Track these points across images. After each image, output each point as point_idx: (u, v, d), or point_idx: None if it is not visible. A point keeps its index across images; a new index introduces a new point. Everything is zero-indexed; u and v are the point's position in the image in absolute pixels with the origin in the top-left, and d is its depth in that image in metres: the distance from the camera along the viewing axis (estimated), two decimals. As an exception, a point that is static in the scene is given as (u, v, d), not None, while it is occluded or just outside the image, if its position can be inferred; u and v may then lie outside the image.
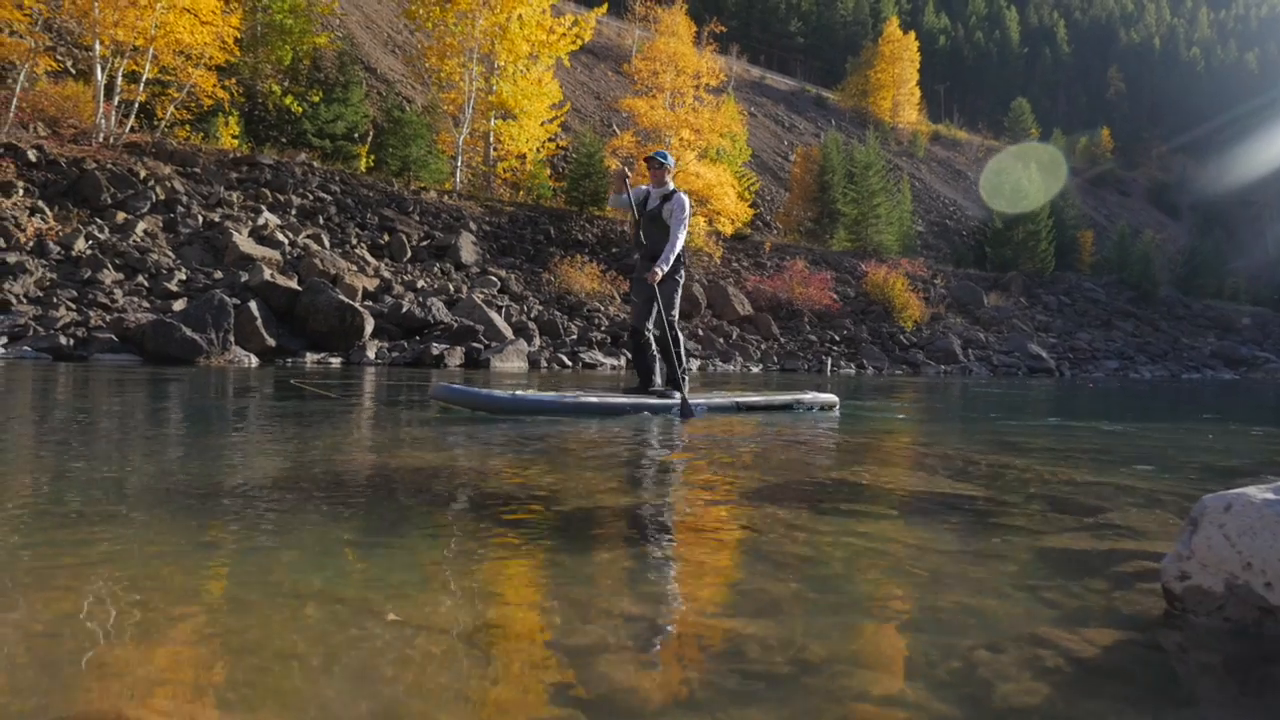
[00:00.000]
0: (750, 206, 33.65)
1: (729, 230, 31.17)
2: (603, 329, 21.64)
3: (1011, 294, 39.95)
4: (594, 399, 6.11)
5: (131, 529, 2.18)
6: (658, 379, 6.37)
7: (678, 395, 6.15)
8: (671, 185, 6.49)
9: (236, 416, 5.42)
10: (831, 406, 7.23)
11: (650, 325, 6.34)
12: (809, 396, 7.20)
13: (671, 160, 6.58)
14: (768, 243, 35.34)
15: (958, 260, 45.88)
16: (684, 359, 6.37)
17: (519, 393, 5.97)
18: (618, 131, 38.08)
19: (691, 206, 6.60)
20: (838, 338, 27.60)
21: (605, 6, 35.32)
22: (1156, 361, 35.68)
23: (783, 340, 26.14)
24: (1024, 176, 48.22)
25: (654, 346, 6.35)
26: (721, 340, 23.97)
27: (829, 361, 24.88)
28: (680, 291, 6.49)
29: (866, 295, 32.25)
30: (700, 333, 24.03)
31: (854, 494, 3.07)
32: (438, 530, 2.30)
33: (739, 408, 6.73)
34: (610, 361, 19.42)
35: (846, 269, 34.71)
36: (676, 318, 6.42)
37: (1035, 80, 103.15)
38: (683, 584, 1.84)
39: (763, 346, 24.90)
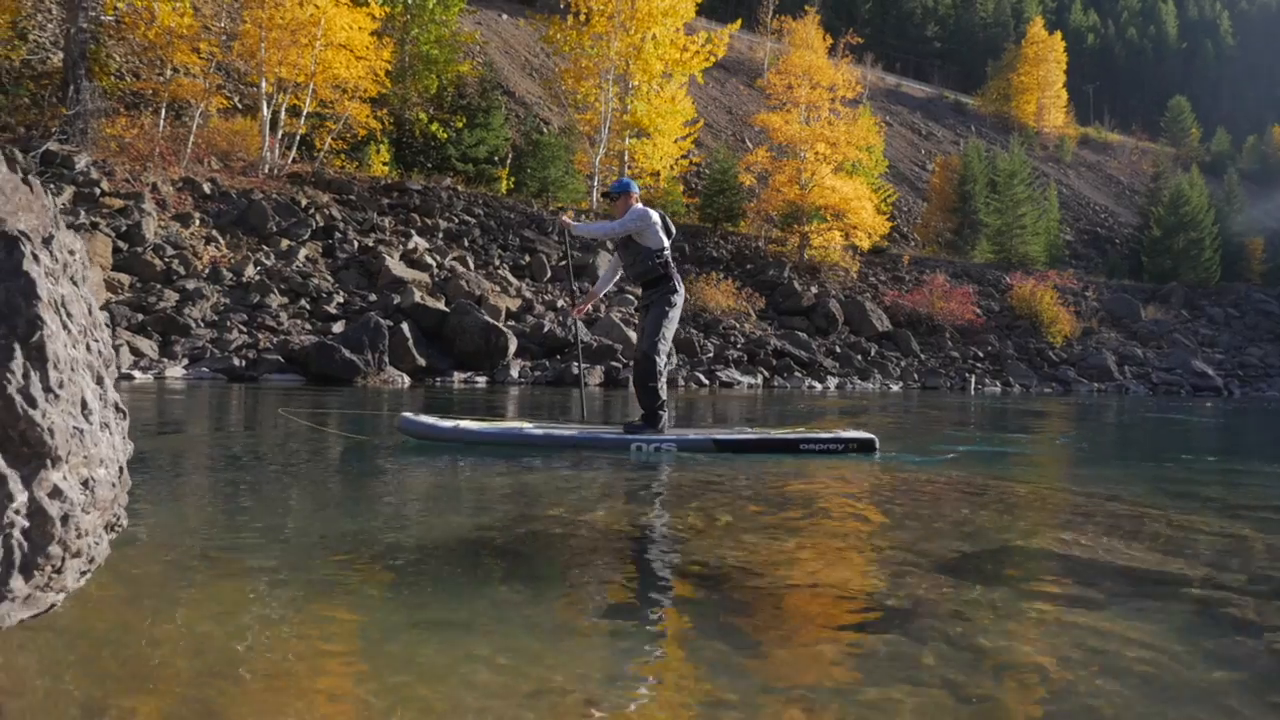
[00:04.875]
0: (887, 219, 32.87)
1: (866, 245, 30.54)
2: (739, 346, 21.54)
3: (1171, 306, 37.53)
4: (539, 432, 5.76)
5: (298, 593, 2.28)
6: (664, 414, 5.93)
7: (649, 431, 5.82)
8: (638, 206, 6.11)
9: (388, 454, 5.62)
10: (867, 447, 5.93)
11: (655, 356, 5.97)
12: (826, 435, 6.01)
13: (632, 185, 6.24)
14: (906, 256, 34.46)
15: (1111, 271, 43.44)
16: (663, 392, 5.91)
17: (461, 424, 5.71)
18: (751, 147, 37.96)
19: (652, 216, 5.98)
20: (981, 354, 26.61)
21: (739, 22, 35.36)
22: (1341, 379, 32.74)
23: (923, 357, 25.38)
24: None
25: (651, 378, 5.91)
26: (859, 358, 23.46)
27: (973, 379, 24.01)
28: (674, 319, 6.01)
29: (1012, 309, 30.99)
30: (838, 350, 23.59)
31: (1037, 566, 2.91)
32: (617, 609, 2.31)
33: (719, 446, 5.78)
34: (747, 380, 19.30)
35: (990, 282, 33.44)
36: (663, 346, 5.95)
37: (1195, 77, 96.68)
38: (908, 688, 1.77)
39: (902, 364, 24.24)
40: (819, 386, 20.25)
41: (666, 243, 6.05)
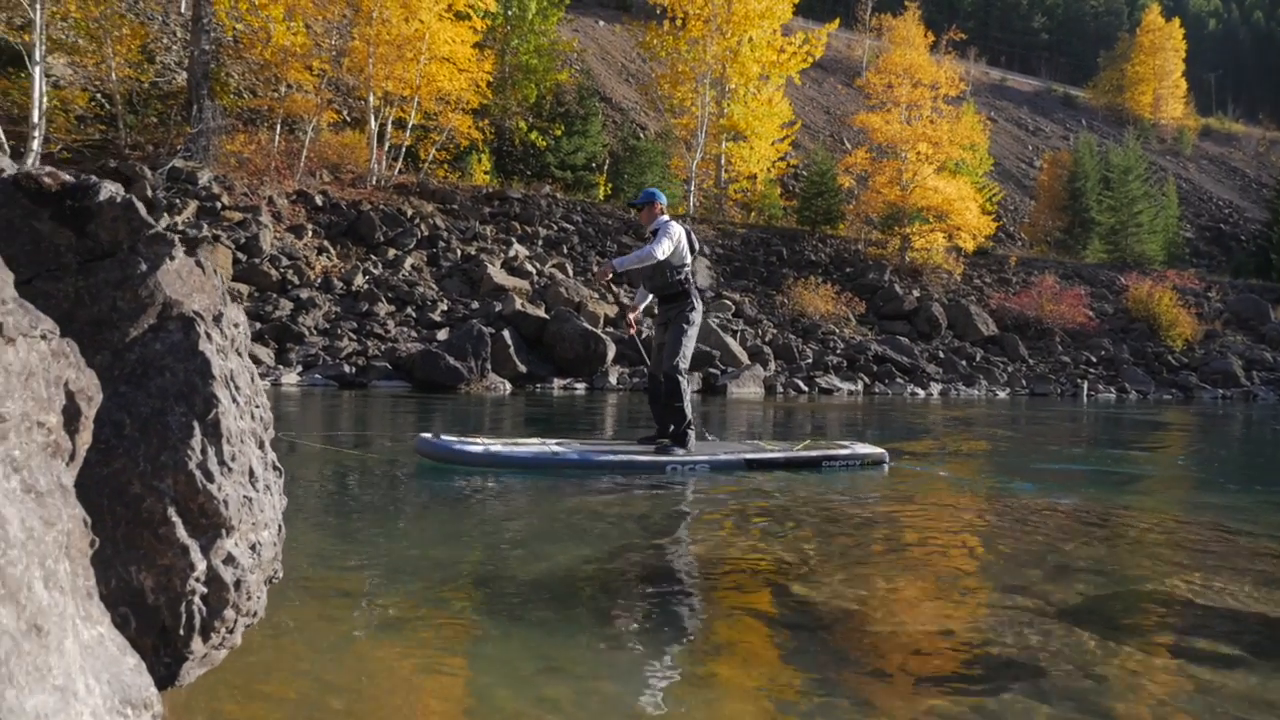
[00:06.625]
0: (993, 219, 31.90)
1: (970, 246, 29.70)
2: (838, 352, 21.25)
3: (1304, 307, 35.32)
4: (573, 454, 5.67)
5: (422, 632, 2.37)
6: (691, 433, 5.87)
7: (679, 451, 5.76)
8: (664, 217, 6.05)
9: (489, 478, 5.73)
10: (878, 462, 6.15)
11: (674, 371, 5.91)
12: (844, 452, 6.14)
13: (658, 195, 6.16)
14: (1013, 257, 33.38)
15: (1236, 270, 41.17)
16: (689, 411, 5.85)
17: (491, 446, 5.61)
18: (849, 147, 37.40)
19: (683, 231, 5.98)
20: (1094, 359, 25.57)
21: (837, 21, 34.88)
22: None
23: (1031, 362, 24.56)
24: None
25: (677, 398, 5.86)
26: (964, 363, 22.85)
27: (1085, 385, 23.10)
28: (694, 336, 5.99)
29: (1127, 312, 29.67)
30: (941, 355, 23.03)
31: (1168, 614, 2.80)
32: (735, 656, 2.33)
33: (750, 465, 5.84)
34: (847, 386, 19.03)
35: (1103, 283, 32.12)
36: (685, 364, 5.90)
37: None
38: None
39: (1009, 369, 23.50)
40: (921, 393, 19.81)
41: (689, 259, 6.03)
